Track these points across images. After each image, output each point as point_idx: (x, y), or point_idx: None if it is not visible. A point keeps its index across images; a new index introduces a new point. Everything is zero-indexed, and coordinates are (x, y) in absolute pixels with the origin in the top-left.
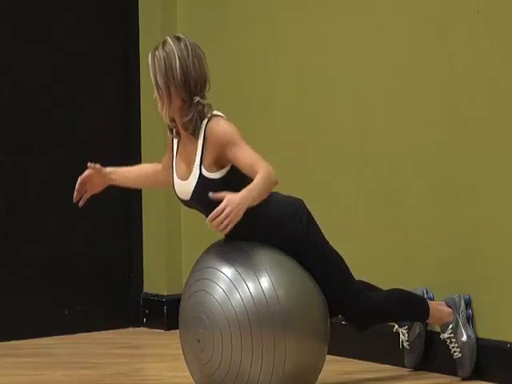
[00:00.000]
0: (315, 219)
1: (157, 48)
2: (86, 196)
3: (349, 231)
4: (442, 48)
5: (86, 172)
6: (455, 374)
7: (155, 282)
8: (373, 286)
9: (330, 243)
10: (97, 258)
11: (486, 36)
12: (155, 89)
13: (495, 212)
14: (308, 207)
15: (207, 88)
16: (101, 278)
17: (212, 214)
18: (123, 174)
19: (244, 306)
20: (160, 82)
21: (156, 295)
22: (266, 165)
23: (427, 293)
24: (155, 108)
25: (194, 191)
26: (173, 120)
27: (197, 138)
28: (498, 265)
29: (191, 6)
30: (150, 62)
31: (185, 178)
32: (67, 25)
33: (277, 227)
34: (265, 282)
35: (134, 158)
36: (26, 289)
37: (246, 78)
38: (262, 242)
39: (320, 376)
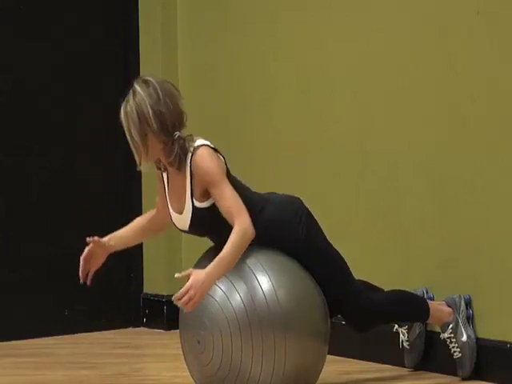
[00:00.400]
0: (314, 218)
1: (127, 101)
2: (92, 273)
3: (349, 231)
4: (441, 48)
5: (87, 249)
6: (455, 374)
7: (155, 282)
8: (373, 286)
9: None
10: None
11: (486, 36)
12: (130, 142)
13: (495, 212)
14: (307, 207)
15: (185, 120)
16: (101, 278)
17: (177, 294)
18: (121, 237)
19: (244, 306)
20: (134, 134)
21: (156, 295)
22: (242, 218)
23: (427, 293)
24: None
25: (191, 223)
26: (158, 160)
27: (184, 172)
28: (498, 265)
29: (191, 6)
30: (122, 117)
31: (179, 211)
32: (67, 25)
33: (276, 229)
34: (265, 282)
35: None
36: (25, 289)
37: (246, 78)
38: (262, 243)
39: (320, 376)
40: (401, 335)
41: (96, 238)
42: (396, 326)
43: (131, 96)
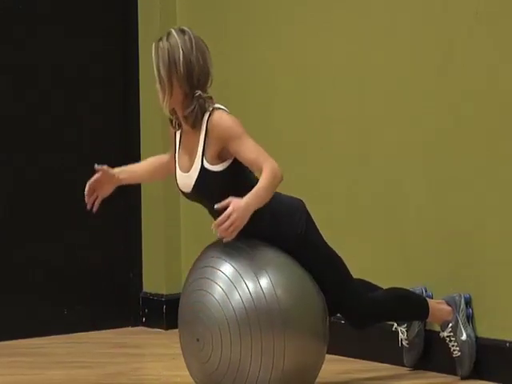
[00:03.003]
0: (314, 221)
1: (161, 39)
2: (99, 201)
3: (348, 230)
4: (441, 46)
5: (95, 176)
6: (455, 373)
7: (154, 281)
8: (372, 284)
9: (329, 243)
10: (96, 258)
11: (486, 36)
12: (157, 80)
13: (496, 210)
14: (307, 207)
15: (209, 83)
16: (100, 278)
17: (218, 220)
18: (131, 172)
19: (243, 305)
20: (163, 73)
21: (155, 294)
22: (270, 161)
23: (426, 291)
24: (155, 107)
25: (195, 184)
26: (173, 112)
27: (198, 131)
28: (498, 264)
29: (191, 6)
30: (153, 53)
31: (187, 170)
32: (67, 25)
33: (277, 225)
34: (264, 281)
35: (133, 157)
36: (25, 289)
37: (245, 78)
38: (262, 239)
39: (319, 375)
40: (400, 334)
41: (105, 166)
42: (395, 324)
43: (165, 37)
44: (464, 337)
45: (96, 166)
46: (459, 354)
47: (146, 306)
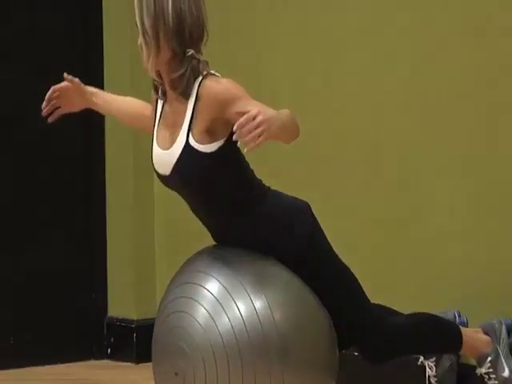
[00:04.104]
0: (322, 229)
1: None
2: (60, 112)
3: (361, 243)
4: (454, 48)
5: (62, 83)
6: None
7: (122, 303)
8: (391, 309)
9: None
10: (49, 275)
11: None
12: (140, 33)
13: None
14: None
15: (204, 40)
16: (54, 300)
17: (242, 119)
18: (106, 100)
19: (233, 331)
20: (147, 24)
21: (123, 320)
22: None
23: (459, 316)
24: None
25: (176, 164)
26: (159, 75)
27: (187, 100)
28: None
29: None
30: (136, 3)
31: (167, 147)
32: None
33: (276, 234)
34: (259, 302)
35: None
36: None
37: (244, 77)
38: (257, 249)
39: None
40: (427, 369)
41: (77, 79)
42: (421, 357)
43: None
44: (506, 373)
45: (65, 74)
46: None
47: (112, 334)
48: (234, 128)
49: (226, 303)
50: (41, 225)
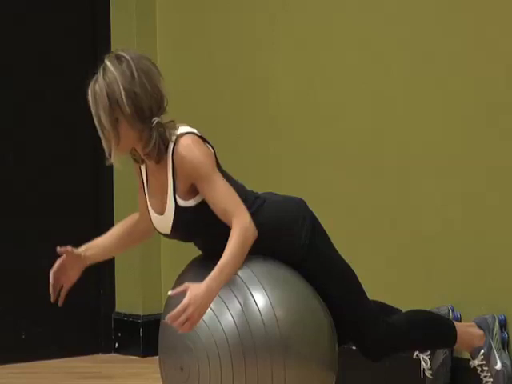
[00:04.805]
0: (322, 227)
1: (96, 79)
2: (64, 293)
3: (362, 241)
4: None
5: (58, 262)
6: None
7: (129, 299)
8: (388, 306)
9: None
10: None
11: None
12: (98, 128)
13: None
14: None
15: (165, 104)
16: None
17: (172, 313)
18: (100, 247)
19: (236, 328)
20: (104, 119)
21: (130, 315)
22: (241, 216)
23: (453, 311)
24: None
25: (173, 225)
26: (132, 149)
27: (165, 166)
28: None
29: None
30: (89, 98)
31: (161, 211)
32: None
33: (274, 234)
34: (261, 299)
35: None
36: None
37: (243, 77)
38: (257, 251)
39: None
40: (422, 362)
41: (69, 247)
42: (416, 351)
43: (101, 74)
44: (498, 366)
45: (58, 248)
46: None
47: (120, 329)
48: (167, 318)
49: (230, 302)
50: (51, 222)
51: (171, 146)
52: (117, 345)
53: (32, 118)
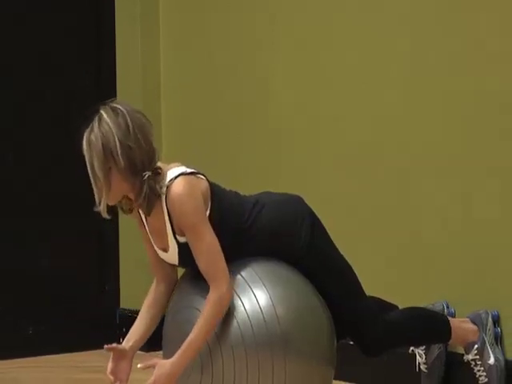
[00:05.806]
0: (322, 225)
1: (91, 129)
2: None
3: (362, 241)
4: (445, 50)
5: (110, 363)
6: None
7: (133, 295)
8: (385, 302)
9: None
10: (65, 269)
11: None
12: (91, 176)
13: None
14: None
15: (156, 158)
16: (69, 292)
17: None
18: (136, 334)
19: (238, 325)
20: (97, 168)
21: (135, 311)
22: (218, 283)
23: (448, 307)
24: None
25: (179, 259)
26: (123, 198)
27: (161, 210)
28: None
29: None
30: (84, 147)
31: (165, 249)
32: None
33: (274, 237)
34: (262, 297)
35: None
36: None
37: (243, 76)
38: (261, 254)
39: None
40: (417, 357)
41: (114, 344)
42: (412, 346)
43: (96, 123)
44: (492, 360)
45: (105, 346)
46: (486, 380)
47: (124, 324)
48: None
49: (232, 299)
50: (51, 222)
51: (163, 197)
52: (121, 340)
53: (32, 118)
